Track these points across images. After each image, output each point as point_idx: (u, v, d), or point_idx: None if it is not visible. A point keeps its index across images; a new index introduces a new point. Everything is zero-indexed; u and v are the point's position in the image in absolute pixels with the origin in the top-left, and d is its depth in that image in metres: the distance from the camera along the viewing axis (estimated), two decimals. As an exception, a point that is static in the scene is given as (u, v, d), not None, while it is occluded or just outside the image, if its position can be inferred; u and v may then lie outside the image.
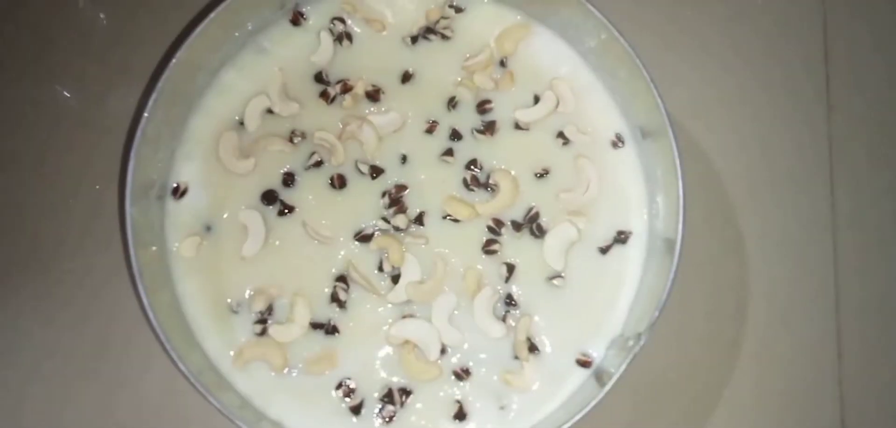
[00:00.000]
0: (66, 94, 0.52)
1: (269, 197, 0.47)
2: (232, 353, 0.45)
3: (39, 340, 0.49)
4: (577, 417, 0.41)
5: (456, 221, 0.47)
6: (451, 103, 0.49)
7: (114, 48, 0.53)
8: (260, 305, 0.46)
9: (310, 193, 0.47)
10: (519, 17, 0.50)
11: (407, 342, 0.46)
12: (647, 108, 0.46)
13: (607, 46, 0.46)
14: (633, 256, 0.48)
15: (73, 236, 0.50)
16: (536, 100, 0.49)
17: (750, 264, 0.52)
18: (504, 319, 0.46)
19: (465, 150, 0.48)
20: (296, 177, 0.47)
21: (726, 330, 0.51)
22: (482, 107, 0.49)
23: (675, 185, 0.44)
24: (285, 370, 0.45)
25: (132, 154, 0.43)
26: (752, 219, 0.52)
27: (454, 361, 0.46)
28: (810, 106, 0.54)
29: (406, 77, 0.49)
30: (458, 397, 0.46)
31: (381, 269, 0.46)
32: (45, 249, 0.50)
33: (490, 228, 0.47)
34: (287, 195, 0.47)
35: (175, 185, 0.47)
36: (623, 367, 0.42)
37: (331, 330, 0.46)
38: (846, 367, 0.51)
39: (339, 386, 0.45)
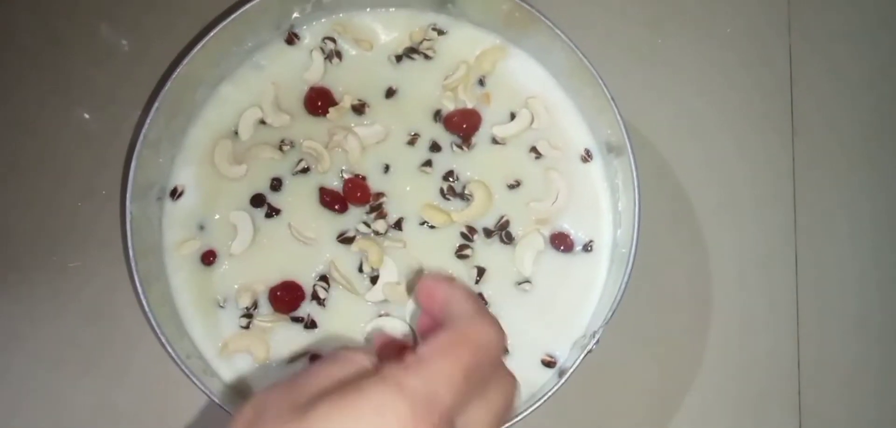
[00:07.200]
0: (86, 115, 0.56)
1: (257, 200, 0.50)
2: (220, 343, 0.49)
3: (50, 328, 0.53)
4: (534, 408, 0.44)
5: (432, 227, 0.50)
6: (436, 116, 0.52)
7: (133, 72, 0.56)
8: (246, 301, 0.49)
9: (296, 197, 0.51)
10: (497, 40, 0.54)
11: (381, 338, 0.49)
12: (611, 126, 0.49)
13: (575, 67, 0.50)
14: (597, 263, 0.50)
15: (80, 236, 0.54)
16: (512, 116, 0.53)
17: (713, 276, 0.54)
18: (475, 320, 0.49)
19: (443, 162, 0.52)
20: (283, 182, 0.51)
21: (689, 338, 0.54)
22: (462, 122, 0.52)
23: (632, 196, 0.47)
24: (267, 361, 0.49)
25: (134, 158, 0.47)
26: (717, 233, 0.55)
27: (426, 357, 0.49)
28: (776, 129, 0.57)
29: (390, 93, 0.53)
30: (429, 391, 0.48)
31: (361, 270, 0.50)
32: (55, 247, 0.54)
33: (463, 234, 0.50)
34: (274, 199, 0.51)
35: (173, 187, 0.51)
36: (578, 361, 0.44)
37: (310, 324, 0.49)
38: (805, 376, 0.53)
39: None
